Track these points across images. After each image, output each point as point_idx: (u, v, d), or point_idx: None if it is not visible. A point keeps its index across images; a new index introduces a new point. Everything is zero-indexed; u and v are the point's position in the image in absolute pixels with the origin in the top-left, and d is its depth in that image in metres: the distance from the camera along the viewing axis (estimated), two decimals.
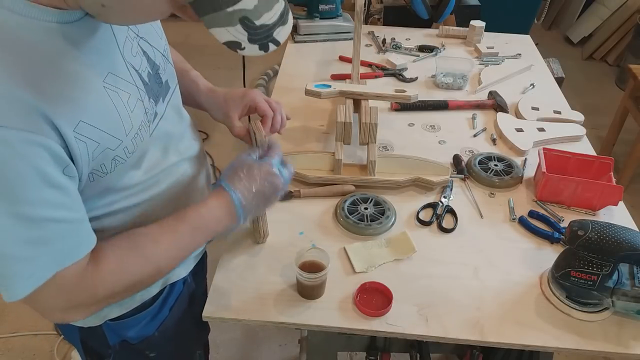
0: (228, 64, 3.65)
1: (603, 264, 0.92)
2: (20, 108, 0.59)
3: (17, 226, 0.62)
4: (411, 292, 1.00)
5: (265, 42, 0.65)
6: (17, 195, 0.61)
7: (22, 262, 0.65)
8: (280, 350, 2.00)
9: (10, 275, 0.65)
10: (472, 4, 2.02)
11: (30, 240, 0.64)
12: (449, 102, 1.56)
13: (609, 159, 1.25)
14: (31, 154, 0.60)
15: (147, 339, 0.96)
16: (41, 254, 0.65)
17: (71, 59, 0.66)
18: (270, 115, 1.01)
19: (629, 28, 3.82)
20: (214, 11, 0.60)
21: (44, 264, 0.66)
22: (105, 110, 0.70)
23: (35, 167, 0.61)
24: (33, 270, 0.66)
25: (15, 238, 0.63)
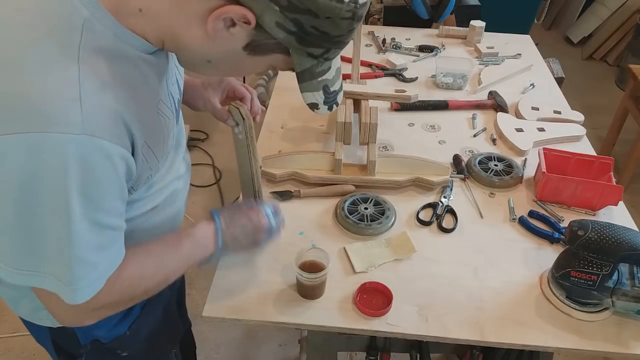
0: None
1: (603, 264, 0.92)
2: (118, 124, 0.65)
3: (92, 232, 0.66)
4: (411, 292, 1.00)
5: (331, 104, 0.80)
6: (100, 203, 0.66)
7: (90, 267, 0.68)
8: (280, 350, 2.00)
9: (79, 278, 0.68)
10: (472, 4, 2.03)
11: (98, 247, 0.68)
12: (449, 102, 1.56)
13: (609, 159, 1.25)
14: (120, 167, 0.66)
15: (118, 338, 0.96)
16: (102, 260, 0.70)
17: (145, 85, 0.72)
18: (248, 97, 1.05)
19: (629, 28, 3.82)
20: (310, 80, 0.75)
21: (103, 270, 0.71)
22: (157, 133, 0.76)
23: (120, 180, 0.68)
24: (97, 275, 0.70)
25: (89, 243, 0.67)
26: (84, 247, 0.66)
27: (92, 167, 0.62)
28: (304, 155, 1.26)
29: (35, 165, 0.60)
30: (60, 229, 0.64)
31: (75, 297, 0.69)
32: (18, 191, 0.61)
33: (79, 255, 0.66)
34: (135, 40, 0.67)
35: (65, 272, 0.67)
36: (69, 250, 0.65)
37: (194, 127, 2.97)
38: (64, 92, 0.60)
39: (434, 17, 2.00)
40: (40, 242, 0.65)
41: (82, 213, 0.64)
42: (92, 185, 0.64)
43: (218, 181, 2.69)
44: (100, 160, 0.63)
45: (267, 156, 1.25)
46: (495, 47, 1.88)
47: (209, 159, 2.82)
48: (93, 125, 0.61)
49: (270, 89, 3.38)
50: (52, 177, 0.61)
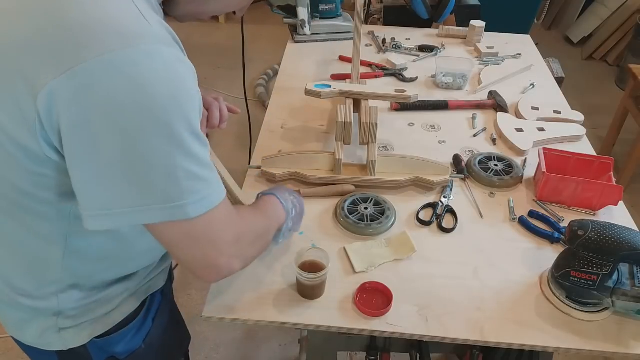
0: (228, 64, 3.65)
1: (603, 264, 0.92)
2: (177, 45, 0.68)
3: (197, 144, 0.66)
4: (411, 292, 1.00)
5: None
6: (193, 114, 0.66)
7: (199, 181, 0.67)
8: (280, 350, 2.00)
9: (189, 192, 0.66)
10: (472, 4, 2.02)
11: (203, 164, 0.68)
12: (449, 102, 1.56)
13: (609, 159, 1.25)
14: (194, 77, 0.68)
15: (134, 352, 0.94)
16: (212, 180, 0.70)
17: None
18: (203, 116, 1.05)
19: (629, 28, 3.82)
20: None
21: (215, 188, 0.70)
22: None
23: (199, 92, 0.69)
24: (209, 191, 0.69)
25: (195, 156, 0.66)
26: (191, 160, 0.65)
27: (180, 76, 0.63)
28: (304, 155, 1.26)
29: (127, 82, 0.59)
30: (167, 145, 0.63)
31: (187, 211, 0.66)
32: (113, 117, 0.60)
33: (188, 169, 0.65)
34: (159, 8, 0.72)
35: (177, 189, 0.65)
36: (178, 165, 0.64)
37: None
38: (128, 12, 0.62)
39: (434, 17, 2.00)
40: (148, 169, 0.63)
41: (185, 127, 0.64)
42: (187, 97, 0.64)
43: None
44: (184, 69, 0.65)
45: (267, 156, 1.25)
46: (495, 47, 1.88)
47: None
48: (163, 36, 0.64)
49: (270, 89, 3.38)
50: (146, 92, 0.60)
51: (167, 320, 1.02)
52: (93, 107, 0.59)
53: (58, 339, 0.85)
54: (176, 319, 1.10)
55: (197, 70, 1.13)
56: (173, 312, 1.07)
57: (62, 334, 0.85)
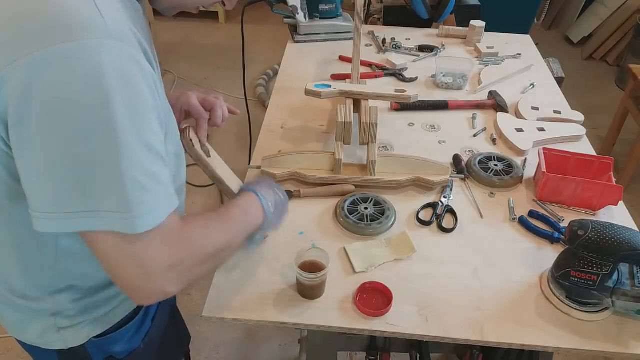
0: (228, 64, 3.66)
1: (603, 264, 0.92)
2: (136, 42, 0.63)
3: (144, 153, 0.62)
4: (411, 292, 1.00)
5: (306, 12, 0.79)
6: (145, 120, 0.62)
7: (147, 192, 0.63)
8: (280, 350, 2.00)
9: (139, 203, 0.62)
10: (472, 4, 2.02)
11: (152, 174, 0.64)
12: (449, 102, 1.56)
13: (609, 159, 1.25)
14: (151, 82, 0.64)
15: (133, 352, 0.94)
16: (159, 191, 0.65)
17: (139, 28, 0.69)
18: (204, 118, 1.02)
19: (629, 28, 3.82)
20: None
21: (161, 202, 0.65)
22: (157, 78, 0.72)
23: (153, 95, 0.64)
24: (154, 205, 0.64)
25: (143, 166, 0.62)
26: (138, 169, 0.62)
27: (129, 75, 0.60)
28: (304, 155, 1.26)
29: (69, 78, 0.57)
30: (110, 147, 0.59)
31: (134, 224, 0.62)
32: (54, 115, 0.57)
33: (133, 177, 0.61)
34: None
35: (120, 198, 0.61)
36: (122, 170, 0.60)
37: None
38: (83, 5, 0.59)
39: (434, 17, 2.00)
40: (88, 170, 0.60)
41: (131, 128, 0.60)
42: (133, 95, 0.60)
43: None
44: (134, 68, 0.61)
45: (267, 156, 1.25)
46: (495, 47, 1.88)
47: None
48: (117, 31, 0.60)
49: (270, 89, 3.38)
50: (91, 87, 0.57)
51: (167, 320, 1.02)
52: (36, 101, 0.57)
53: (58, 338, 0.85)
54: (176, 319, 1.10)
55: (197, 70, 1.15)
56: (173, 311, 1.07)
57: (62, 333, 0.85)
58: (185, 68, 3.60)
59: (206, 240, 0.75)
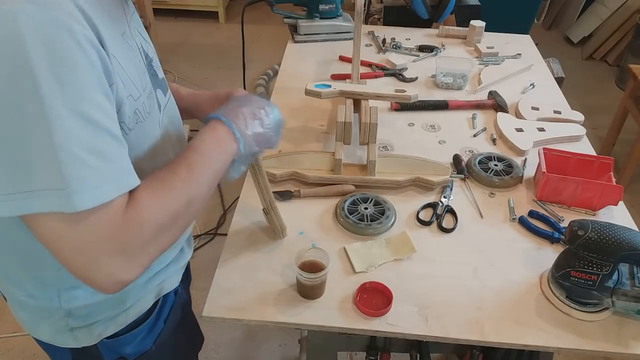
0: (228, 64, 3.66)
1: (603, 264, 0.92)
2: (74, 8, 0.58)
3: (81, 126, 0.57)
4: (411, 292, 1.00)
5: None
6: (79, 89, 0.57)
7: (90, 169, 0.58)
8: (280, 350, 2.00)
9: (74, 178, 0.57)
10: (472, 4, 2.02)
11: (92, 149, 0.58)
12: (449, 102, 1.56)
13: (609, 159, 1.25)
14: (89, 50, 0.58)
15: (144, 354, 0.94)
16: (106, 169, 0.60)
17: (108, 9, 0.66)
18: None
19: (629, 28, 3.82)
20: None
21: (109, 180, 0.60)
22: (126, 56, 0.69)
23: (93, 65, 0.59)
24: (99, 182, 0.59)
25: (81, 139, 0.57)
26: (74, 142, 0.57)
27: (55, 41, 0.55)
28: (304, 155, 1.26)
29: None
30: (35, 119, 0.55)
31: (73, 202, 0.57)
32: None
33: (69, 151, 0.56)
34: None
35: (57, 173, 0.56)
36: (53, 142, 0.55)
37: (194, 127, 2.97)
38: None
39: (434, 17, 2.00)
40: (17, 146, 0.55)
41: (60, 97, 0.55)
42: (60, 62, 0.55)
43: None
44: (62, 34, 0.55)
45: (267, 156, 1.25)
46: (495, 47, 1.88)
47: None
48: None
49: (270, 89, 3.38)
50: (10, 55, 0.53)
51: (180, 322, 1.01)
52: None
53: (71, 337, 0.86)
54: (190, 321, 1.08)
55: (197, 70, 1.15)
56: (186, 313, 1.05)
57: (75, 332, 0.85)
58: (185, 68, 3.60)
59: (158, 211, 0.66)
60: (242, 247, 1.07)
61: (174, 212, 0.68)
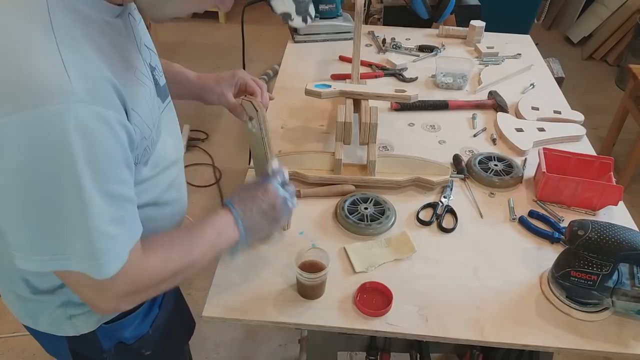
0: (228, 64, 3.66)
1: (603, 264, 0.92)
2: (109, 89, 0.64)
3: (107, 204, 0.65)
4: (411, 292, 1.00)
5: (305, 15, 0.81)
6: (110, 173, 0.65)
7: (111, 240, 0.67)
8: (280, 350, 2.00)
9: (103, 252, 0.67)
10: (472, 4, 2.02)
11: (115, 219, 0.67)
12: (449, 102, 1.56)
13: (609, 159, 1.25)
14: (120, 133, 0.65)
15: (142, 337, 0.97)
16: (121, 234, 0.69)
17: (118, 51, 0.71)
18: (259, 93, 1.08)
19: (629, 28, 3.82)
20: None
21: (123, 243, 0.70)
22: (140, 100, 0.74)
23: (123, 146, 0.66)
24: (119, 249, 0.69)
25: (106, 216, 0.66)
26: (102, 220, 0.65)
27: (94, 135, 0.61)
28: (304, 155, 1.26)
29: (36, 143, 0.58)
30: (76, 204, 0.63)
31: (102, 271, 0.67)
32: (25, 174, 0.60)
33: (98, 228, 0.65)
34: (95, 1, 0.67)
35: (88, 248, 0.66)
36: (88, 225, 0.64)
37: (194, 127, 2.97)
38: (48, 64, 0.59)
39: (434, 17, 2.00)
40: (57, 223, 0.64)
41: (94, 185, 0.63)
42: (98, 154, 0.63)
43: (218, 181, 2.69)
44: (101, 127, 0.62)
45: None
46: (495, 47, 1.88)
47: (209, 159, 2.82)
48: (85, 92, 0.60)
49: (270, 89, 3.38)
50: (57, 152, 0.59)
51: (173, 306, 1.04)
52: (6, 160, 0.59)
53: (69, 325, 0.87)
54: (181, 306, 1.13)
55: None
56: (178, 299, 1.09)
57: (73, 320, 0.87)
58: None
59: (166, 267, 0.79)
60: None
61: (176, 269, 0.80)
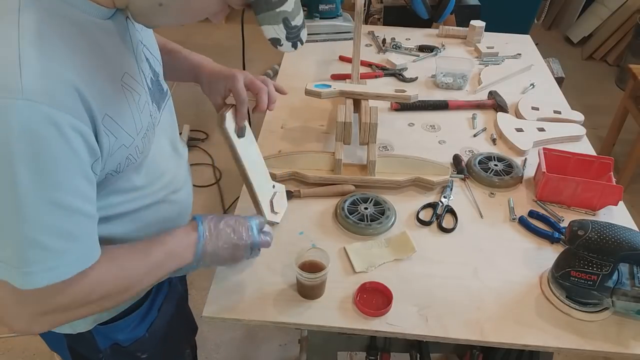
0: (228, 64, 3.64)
1: (603, 264, 0.92)
2: (69, 92, 0.61)
3: (53, 214, 0.62)
4: (411, 292, 1.00)
5: (295, 41, 0.80)
6: (56, 181, 0.61)
7: (51, 252, 0.63)
8: (280, 350, 2.00)
9: (33, 262, 0.63)
10: (472, 4, 2.02)
11: (62, 232, 0.63)
12: (449, 102, 1.56)
13: (609, 159, 1.25)
14: (74, 140, 0.61)
15: (138, 340, 0.96)
16: (70, 250, 0.65)
17: (101, 54, 0.68)
18: (243, 103, 0.99)
19: (629, 28, 3.82)
20: (267, 10, 0.73)
21: (70, 261, 0.65)
22: (122, 107, 0.72)
23: (76, 154, 0.62)
24: (58, 263, 0.64)
25: (49, 226, 0.62)
26: (40, 229, 0.61)
27: (38, 137, 0.58)
28: (304, 155, 1.26)
29: None
30: (9, 208, 0.59)
31: (25, 281, 0.63)
32: None
33: (31, 237, 0.61)
34: (84, 4, 0.65)
35: (16, 254, 0.62)
36: (20, 230, 0.60)
37: (194, 127, 2.97)
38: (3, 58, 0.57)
39: (434, 17, 2.00)
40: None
41: (35, 190, 0.59)
42: (42, 157, 0.59)
43: (218, 181, 2.70)
44: (48, 130, 0.58)
45: (267, 156, 1.25)
46: (495, 47, 1.88)
47: (209, 159, 2.82)
48: (35, 91, 0.57)
49: None
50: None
51: (173, 311, 1.03)
52: None
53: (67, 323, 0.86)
54: (183, 310, 1.11)
55: None
56: (181, 303, 1.07)
57: None
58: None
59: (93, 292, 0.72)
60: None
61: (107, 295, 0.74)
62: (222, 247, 0.86)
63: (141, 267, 0.78)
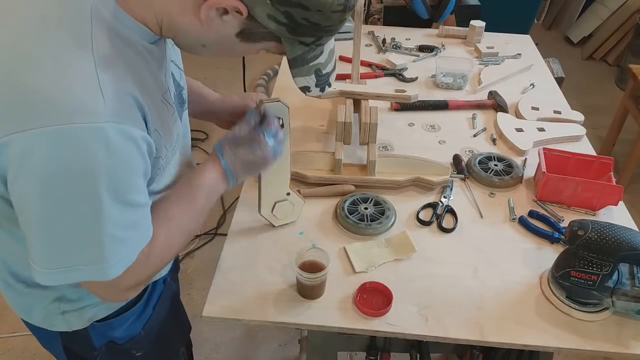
0: (228, 64, 3.65)
1: (603, 264, 0.92)
2: (134, 108, 0.67)
3: (123, 212, 0.68)
4: (411, 292, 1.00)
5: (323, 86, 0.83)
6: (130, 185, 0.68)
7: (120, 244, 0.69)
8: (280, 350, 2.00)
9: (110, 256, 0.69)
10: (472, 4, 2.03)
11: (129, 224, 0.70)
12: (449, 102, 1.56)
13: (609, 159, 1.25)
14: (143, 148, 0.68)
15: (133, 338, 0.97)
16: (133, 237, 0.72)
17: (150, 73, 0.73)
18: None
19: (629, 28, 3.82)
20: (302, 65, 0.78)
21: (134, 246, 0.72)
22: (164, 123, 0.76)
23: (145, 159, 0.70)
24: (127, 251, 0.71)
25: (120, 222, 0.68)
26: (115, 226, 0.67)
27: (120, 152, 0.64)
28: (304, 155, 1.26)
29: (65, 157, 0.60)
30: (93, 217, 0.65)
31: (107, 274, 0.70)
32: (48, 187, 0.62)
33: (111, 235, 0.67)
34: (137, 27, 0.69)
35: (97, 253, 0.68)
36: (102, 233, 0.66)
37: (194, 127, 2.95)
38: (84, 84, 0.61)
39: (434, 17, 2.00)
40: (72, 236, 0.66)
41: (114, 197, 0.65)
42: (122, 170, 0.65)
43: None
44: (127, 145, 0.65)
45: None
46: (495, 47, 1.88)
47: None
48: (116, 112, 0.63)
49: (270, 89, 3.38)
50: (83, 168, 0.62)
51: (168, 309, 1.04)
52: (27, 174, 0.61)
53: (62, 320, 0.88)
54: (177, 309, 1.12)
55: (198, 70, 1.14)
56: (174, 302, 1.09)
57: (66, 316, 0.87)
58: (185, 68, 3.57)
59: (168, 255, 0.81)
60: (242, 247, 1.07)
61: (176, 251, 0.84)
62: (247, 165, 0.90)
63: (195, 214, 0.85)
